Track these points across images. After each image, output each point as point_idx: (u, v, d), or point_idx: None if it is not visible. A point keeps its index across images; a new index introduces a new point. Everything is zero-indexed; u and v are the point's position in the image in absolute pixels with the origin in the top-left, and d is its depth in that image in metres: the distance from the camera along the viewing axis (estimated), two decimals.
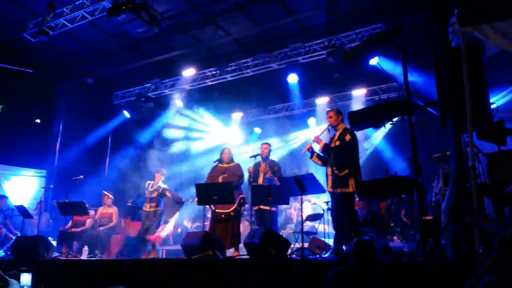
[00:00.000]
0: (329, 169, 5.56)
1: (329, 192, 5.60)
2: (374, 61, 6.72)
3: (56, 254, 7.01)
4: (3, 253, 7.81)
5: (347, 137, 5.49)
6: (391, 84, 10.82)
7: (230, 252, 6.35)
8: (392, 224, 7.60)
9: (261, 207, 6.42)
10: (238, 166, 6.79)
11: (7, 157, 10.98)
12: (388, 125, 4.83)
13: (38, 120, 12.10)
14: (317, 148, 5.82)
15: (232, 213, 6.38)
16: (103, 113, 12.32)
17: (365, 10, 8.93)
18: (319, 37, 9.59)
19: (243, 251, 5.64)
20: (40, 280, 4.24)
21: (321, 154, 5.74)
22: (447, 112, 4.21)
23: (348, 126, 5.34)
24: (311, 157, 5.83)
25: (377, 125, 4.99)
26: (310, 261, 4.63)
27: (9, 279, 4.41)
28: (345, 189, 5.32)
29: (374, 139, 11.60)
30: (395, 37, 4.79)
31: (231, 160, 6.89)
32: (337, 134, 5.66)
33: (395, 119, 4.75)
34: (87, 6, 8.31)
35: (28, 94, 10.88)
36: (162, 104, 12.40)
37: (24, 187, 10.90)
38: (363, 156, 10.69)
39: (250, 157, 6.67)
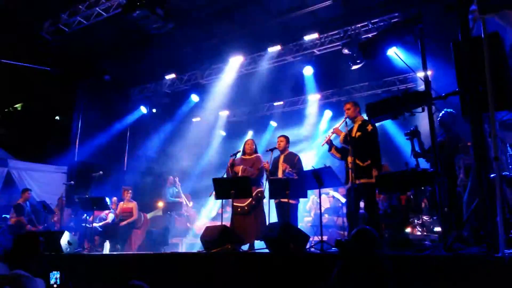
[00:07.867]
0: (349, 160, 5.40)
1: (347, 185, 5.52)
2: (391, 51, 6.59)
3: (79, 249, 7.15)
4: None
5: (369, 127, 5.44)
6: (409, 75, 10.65)
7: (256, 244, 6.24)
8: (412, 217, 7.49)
9: (281, 200, 6.19)
10: (258, 158, 6.63)
11: (28, 154, 11.21)
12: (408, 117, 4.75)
13: (57, 117, 12.31)
14: (336, 141, 5.77)
15: (246, 207, 6.29)
16: (120, 109, 12.46)
17: None
18: (335, 28, 9.46)
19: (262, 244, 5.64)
20: (67, 278, 4.26)
21: (340, 147, 5.70)
22: (468, 101, 4.11)
23: (366, 118, 5.29)
24: (330, 150, 5.78)
25: (395, 117, 4.92)
26: (329, 254, 4.61)
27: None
28: (368, 180, 5.26)
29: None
30: (414, 26, 4.70)
31: (254, 152, 6.77)
32: (356, 125, 5.61)
33: (414, 110, 4.66)
34: (102, 3, 8.37)
35: (47, 92, 11.05)
36: (178, 99, 12.49)
37: (45, 183, 11.10)
38: None
39: (266, 150, 6.55)
